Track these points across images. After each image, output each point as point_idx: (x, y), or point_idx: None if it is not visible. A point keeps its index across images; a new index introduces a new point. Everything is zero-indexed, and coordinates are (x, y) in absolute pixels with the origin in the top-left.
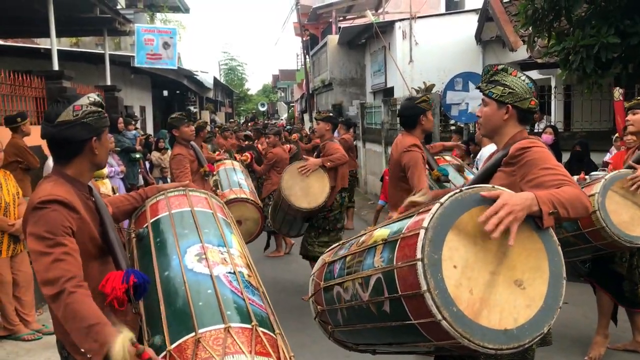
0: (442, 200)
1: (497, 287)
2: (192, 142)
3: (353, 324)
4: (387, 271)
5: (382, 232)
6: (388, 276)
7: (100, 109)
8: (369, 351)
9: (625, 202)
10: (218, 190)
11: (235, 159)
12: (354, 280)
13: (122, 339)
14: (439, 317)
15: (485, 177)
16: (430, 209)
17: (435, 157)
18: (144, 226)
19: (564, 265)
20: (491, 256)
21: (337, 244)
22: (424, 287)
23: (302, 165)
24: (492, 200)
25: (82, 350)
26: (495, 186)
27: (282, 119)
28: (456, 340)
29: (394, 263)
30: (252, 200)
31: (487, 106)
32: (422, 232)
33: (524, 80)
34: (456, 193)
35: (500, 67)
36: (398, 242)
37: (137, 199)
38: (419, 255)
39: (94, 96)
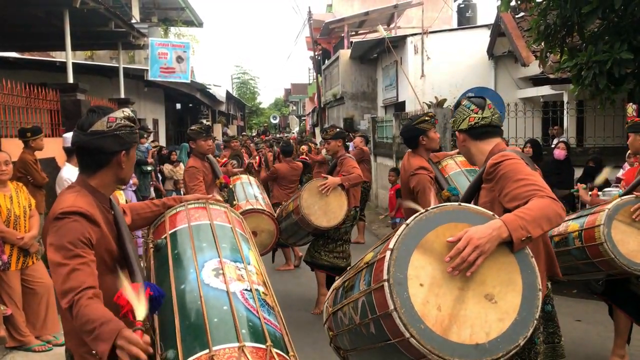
0: (408, 221)
1: (467, 303)
2: (209, 155)
3: (356, 347)
4: (368, 293)
5: (368, 256)
6: (369, 298)
7: (132, 124)
8: None
9: (631, 230)
10: (234, 202)
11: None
12: (348, 305)
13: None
14: (407, 335)
15: (471, 194)
16: (397, 231)
17: (445, 163)
18: (163, 237)
19: (538, 277)
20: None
21: (345, 271)
22: (391, 307)
23: (322, 184)
24: (463, 216)
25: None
26: (462, 204)
27: (293, 132)
28: (427, 357)
29: (371, 285)
30: (268, 212)
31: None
32: (387, 253)
33: (464, 105)
34: (422, 213)
35: (457, 102)
36: (375, 265)
37: (159, 206)
38: (385, 277)
39: (128, 111)
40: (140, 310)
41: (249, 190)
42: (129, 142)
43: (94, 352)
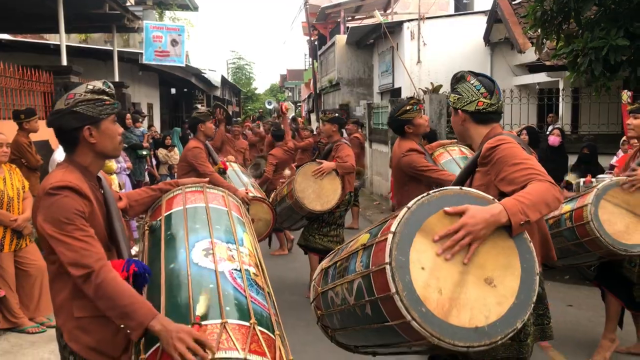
0: (409, 204)
1: (467, 286)
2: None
3: (346, 327)
4: (365, 275)
5: (363, 237)
6: (366, 280)
7: (100, 97)
8: (369, 353)
9: (619, 211)
10: None
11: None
12: (342, 285)
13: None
14: (409, 317)
15: (465, 177)
16: (399, 214)
17: (439, 152)
18: (158, 219)
19: (536, 262)
20: (460, 256)
21: (333, 250)
22: (393, 290)
23: (316, 168)
24: (464, 201)
25: (122, 326)
26: (463, 187)
27: (288, 119)
28: (426, 339)
29: (370, 267)
30: (268, 201)
31: (452, 114)
32: (389, 236)
33: (473, 84)
34: (423, 197)
35: (459, 75)
36: (373, 247)
37: (156, 191)
38: (387, 260)
39: (95, 83)
40: (201, 306)
41: (244, 179)
42: (92, 116)
43: (122, 326)
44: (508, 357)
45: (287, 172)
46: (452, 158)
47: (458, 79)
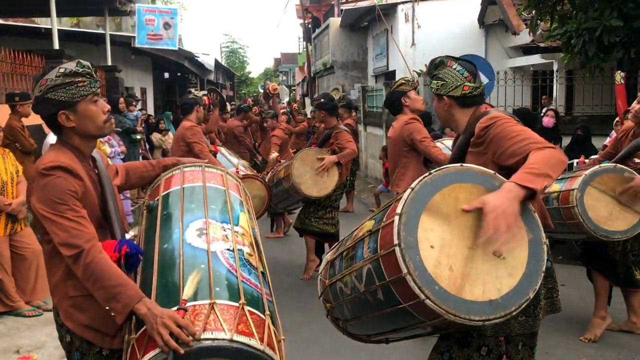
0: (413, 185)
1: (477, 261)
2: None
3: (358, 316)
4: (374, 260)
5: (368, 224)
6: (375, 265)
7: (72, 79)
8: (382, 341)
9: (604, 198)
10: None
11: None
12: (350, 274)
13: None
14: (422, 297)
15: (456, 160)
16: (402, 196)
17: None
18: (155, 199)
19: (542, 231)
20: (467, 231)
21: (338, 242)
22: (404, 271)
23: (319, 165)
24: (466, 177)
25: (107, 308)
26: (464, 164)
27: (283, 102)
28: (442, 317)
29: (378, 252)
30: (261, 177)
31: (434, 100)
32: (396, 218)
33: (455, 69)
34: (426, 176)
35: (437, 60)
36: (380, 232)
37: (153, 165)
38: (395, 241)
39: (67, 65)
40: (188, 288)
41: (233, 160)
42: (65, 100)
43: (106, 308)
44: (523, 334)
45: (274, 155)
46: (445, 146)
47: (437, 64)
